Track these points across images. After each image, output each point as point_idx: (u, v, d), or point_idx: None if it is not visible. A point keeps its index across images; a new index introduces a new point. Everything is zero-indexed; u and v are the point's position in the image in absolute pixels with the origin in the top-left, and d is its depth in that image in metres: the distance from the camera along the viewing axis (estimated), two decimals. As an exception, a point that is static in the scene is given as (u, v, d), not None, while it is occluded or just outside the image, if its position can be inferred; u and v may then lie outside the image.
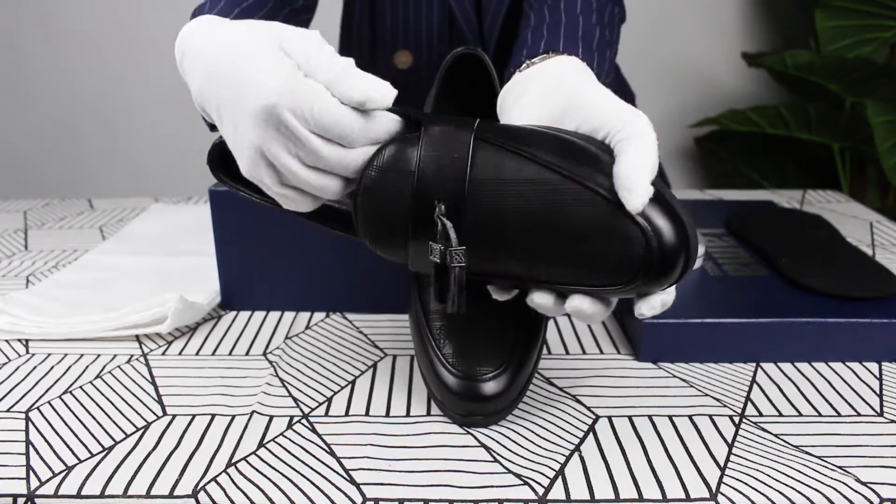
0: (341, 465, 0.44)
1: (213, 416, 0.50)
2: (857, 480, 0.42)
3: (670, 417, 0.49)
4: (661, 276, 0.39)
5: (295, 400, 0.51)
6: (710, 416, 0.49)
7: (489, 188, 0.41)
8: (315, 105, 0.40)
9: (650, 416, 0.49)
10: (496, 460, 0.45)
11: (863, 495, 0.41)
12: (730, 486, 0.42)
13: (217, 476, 0.43)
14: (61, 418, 0.50)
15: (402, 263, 0.44)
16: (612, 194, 0.39)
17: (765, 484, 0.42)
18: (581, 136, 0.42)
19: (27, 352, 0.59)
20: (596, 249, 0.39)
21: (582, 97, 0.43)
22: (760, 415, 0.49)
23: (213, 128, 0.49)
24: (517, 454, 0.45)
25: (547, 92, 0.45)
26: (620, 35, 0.66)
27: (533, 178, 0.40)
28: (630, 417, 0.49)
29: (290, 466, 0.44)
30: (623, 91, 0.99)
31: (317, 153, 0.41)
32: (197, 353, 0.59)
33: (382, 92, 0.42)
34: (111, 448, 0.46)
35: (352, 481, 0.43)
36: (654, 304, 0.41)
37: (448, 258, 0.41)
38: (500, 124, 0.43)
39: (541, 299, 0.42)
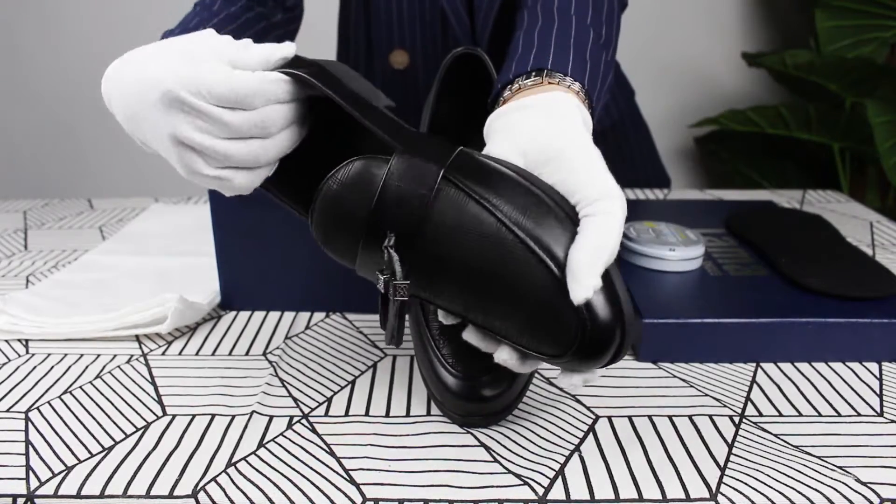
0: (341, 465, 0.44)
1: (213, 416, 0.50)
2: (857, 480, 0.42)
3: (670, 417, 0.49)
4: (589, 361, 0.39)
5: (295, 400, 0.51)
6: (710, 416, 0.49)
7: (444, 232, 0.41)
8: (207, 78, 0.41)
9: (650, 416, 0.49)
10: (496, 460, 0.45)
11: (863, 495, 0.41)
12: (730, 486, 0.42)
13: (217, 476, 0.43)
14: (61, 418, 0.50)
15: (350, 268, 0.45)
16: (562, 272, 0.39)
17: (765, 484, 0.42)
18: (556, 195, 0.41)
19: (27, 352, 0.59)
20: (532, 318, 0.40)
21: (564, 154, 0.42)
22: (760, 415, 0.49)
23: None
24: (517, 454, 0.45)
25: (533, 136, 0.44)
26: (621, 26, 0.64)
27: (489, 235, 0.40)
28: (630, 417, 0.49)
29: (290, 466, 0.44)
30: (622, 87, 0.99)
31: (222, 120, 0.42)
32: (197, 353, 0.59)
33: (283, 46, 0.45)
34: (111, 448, 0.46)
35: (352, 481, 0.43)
36: (576, 381, 0.41)
37: (391, 291, 0.41)
38: (478, 160, 0.43)
39: (471, 337, 0.43)
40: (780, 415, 0.49)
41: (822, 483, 0.42)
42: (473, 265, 0.40)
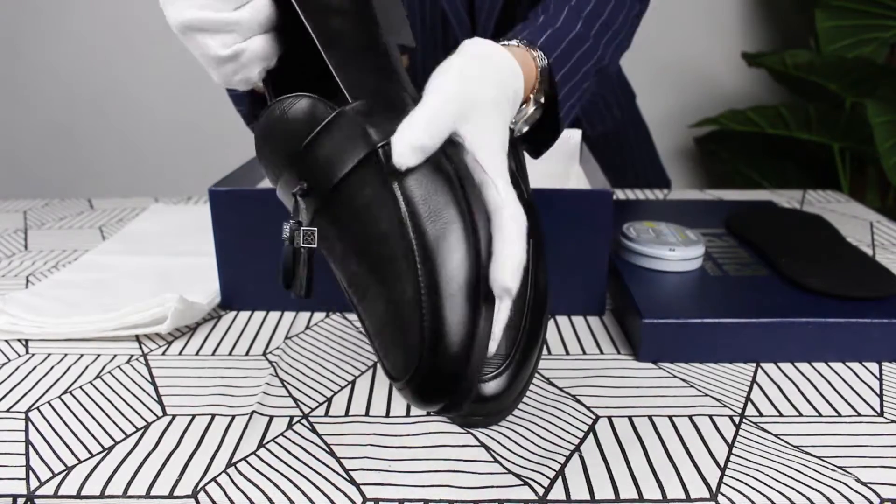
0: (341, 465, 0.44)
1: (213, 416, 0.50)
2: (857, 480, 0.42)
3: (670, 417, 0.49)
4: (418, 397, 0.36)
5: (295, 400, 0.51)
6: (710, 416, 0.49)
7: (351, 205, 0.39)
8: None
9: (650, 416, 0.49)
10: (496, 460, 0.45)
11: (863, 495, 0.41)
12: (730, 486, 0.42)
13: (217, 476, 0.43)
14: (61, 418, 0.50)
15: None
16: (430, 297, 0.35)
17: (765, 484, 0.42)
18: (481, 213, 0.38)
19: (27, 352, 0.59)
20: (388, 326, 0.37)
21: (429, 96, 0.41)
22: (760, 415, 0.49)
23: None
24: (517, 454, 0.45)
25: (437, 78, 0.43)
26: (629, 21, 0.65)
27: (387, 231, 0.37)
28: (630, 417, 0.49)
29: (290, 466, 0.44)
30: (624, 90, 0.99)
31: None
32: (197, 353, 0.59)
33: None
34: (111, 448, 0.46)
35: (352, 481, 0.43)
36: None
37: (296, 238, 0.40)
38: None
39: None
40: (780, 415, 0.49)
41: (822, 483, 0.42)
42: (362, 248, 0.38)
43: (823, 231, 0.73)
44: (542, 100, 0.56)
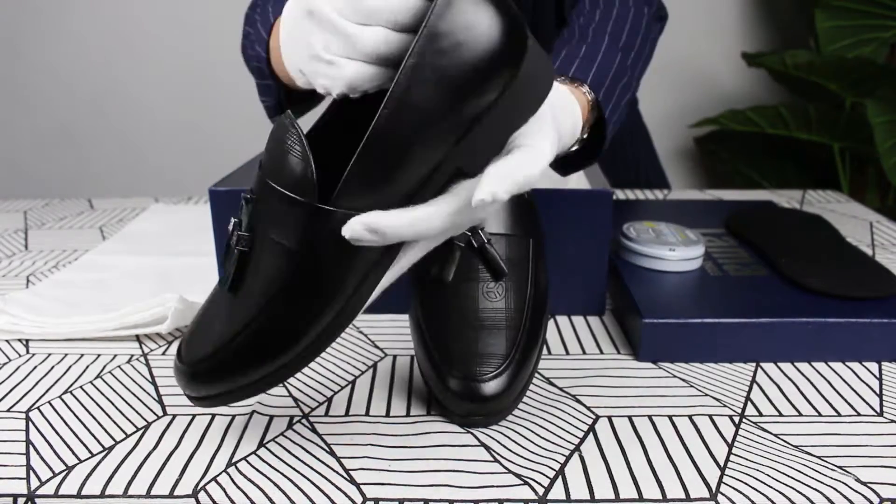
0: (341, 465, 0.44)
1: (213, 416, 0.50)
2: (857, 480, 0.43)
3: (670, 417, 0.49)
4: (184, 385, 0.43)
5: (295, 400, 0.51)
6: (710, 416, 0.49)
7: (259, 248, 0.41)
8: None
9: (650, 416, 0.49)
10: (496, 460, 0.45)
11: (863, 495, 0.41)
12: (730, 486, 0.42)
13: (217, 476, 0.43)
14: (61, 418, 0.50)
15: None
16: (236, 348, 0.41)
17: (765, 484, 0.42)
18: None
19: (27, 352, 0.59)
20: (206, 319, 0.43)
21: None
22: (760, 415, 0.49)
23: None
24: (517, 454, 0.45)
25: None
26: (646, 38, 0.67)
27: (257, 288, 0.41)
28: (630, 417, 0.49)
29: (290, 466, 0.44)
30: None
31: (358, 3, 0.40)
32: (197, 353, 0.58)
33: None
34: (111, 448, 0.46)
35: (352, 481, 0.43)
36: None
37: (234, 238, 0.42)
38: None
39: None
40: (780, 415, 0.49)
41: (822, 483, 0.42)
42: (247, 271, 0.42)
43: (823, 231, 0.73)
44: (586, 135, 0.56)
